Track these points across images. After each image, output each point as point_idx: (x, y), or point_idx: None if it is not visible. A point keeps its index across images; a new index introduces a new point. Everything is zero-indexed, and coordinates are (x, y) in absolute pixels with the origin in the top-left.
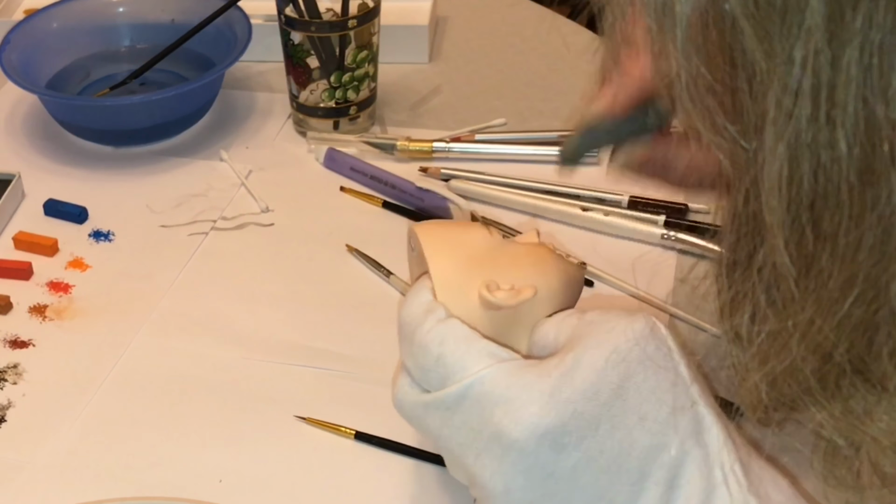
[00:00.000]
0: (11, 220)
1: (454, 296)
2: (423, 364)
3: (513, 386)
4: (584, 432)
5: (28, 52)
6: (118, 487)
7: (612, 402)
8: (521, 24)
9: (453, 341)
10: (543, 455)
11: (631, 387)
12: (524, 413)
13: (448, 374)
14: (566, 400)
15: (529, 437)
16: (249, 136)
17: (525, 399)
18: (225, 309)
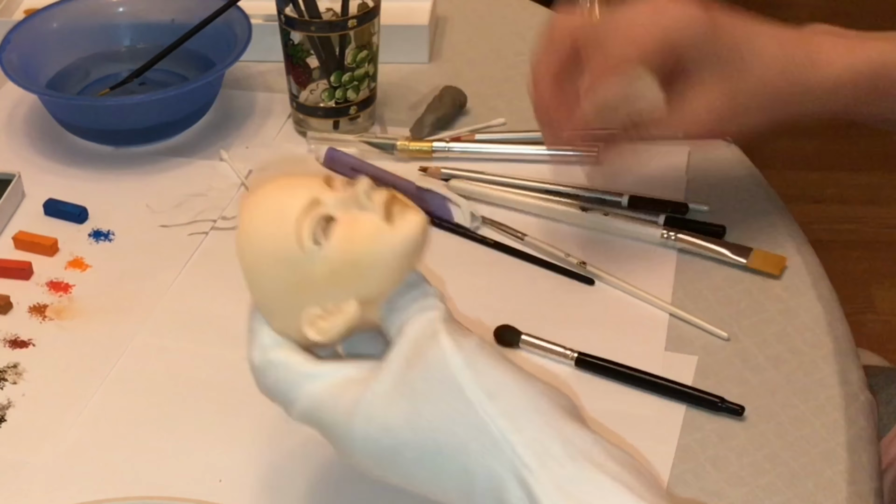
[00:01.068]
0: (11, 219)
1: (287, 323)
2: (265, 392)
3: (324, 418)
4: (393, 458)
5: (28, 52)
6: (118, 487)
7: (405, 435)
8: (521, 24)
9: (274, 373)
10: (369, 467)
11: (422, 421)
12: (343, 443)
13: (282, 402)
14: (363, 435)
15: (357, 458)
16: (249, 136)
17: (336, 432)
18: (225, 309)
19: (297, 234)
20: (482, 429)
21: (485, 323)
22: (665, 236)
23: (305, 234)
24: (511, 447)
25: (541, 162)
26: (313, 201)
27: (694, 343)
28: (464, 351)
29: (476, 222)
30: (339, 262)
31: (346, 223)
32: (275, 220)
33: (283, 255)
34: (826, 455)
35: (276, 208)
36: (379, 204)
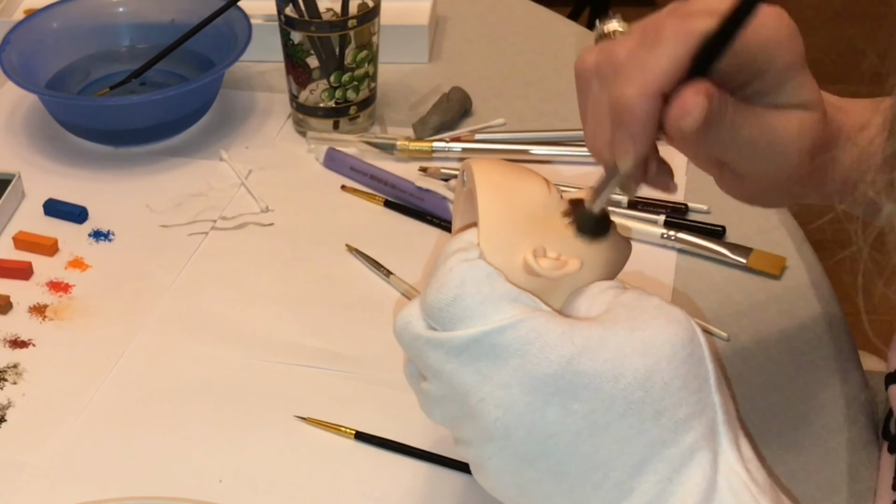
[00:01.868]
0: (11, 219)
1: (497, 246)
2: (438, 301)
3: (531, 342)
4: (596, 406)
5: (28, 52)
6: (118, 487)
7: (632, 390)
8: (521, 24)
9: (473, 284)
10: (550, 414)
11: (657, 381)
12: (536, 371)
13: (462, 317)
14: (581, 372)
15: (537, 395)
16: (249, 136)
17: (540, 360)
18: (225, 309)
19: (546, 187)
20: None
21: None
22: (665, 236)
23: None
24: (721, 438)
25: (541, 162)
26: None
27: None
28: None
29: None
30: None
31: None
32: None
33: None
34: (826, 455)
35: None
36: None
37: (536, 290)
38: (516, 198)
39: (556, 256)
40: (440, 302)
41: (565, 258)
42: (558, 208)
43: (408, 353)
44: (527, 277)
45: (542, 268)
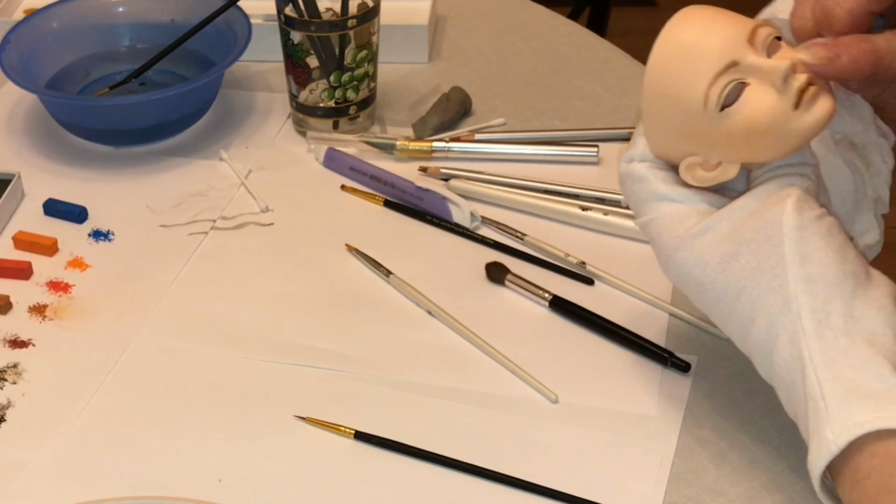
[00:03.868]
0: (11, 219)
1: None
2: (623, 195)
3: (658, 234)
4: (695, 288)
5: (28, 52)
6: (118, 487)
7: (715, 275)
8: (521, 24)
9: (630, 185)
10: (678, 282)
11: (736, 264)
12: (660, 262)
13: (632, 208)
14: (679, 263)
15: (669, 277)
16: (249, 135)
17: (660, 248)
18: (225, 309)
19: (706, 94)
20: (783, 285)
21: (483, 322)
22: None
23: (714, 98)
24: (798, 308)
25: (541, 162)
26: (731, 64)
27: (694, 343)
28: (802, 216)
29: (476, 222)
30: (738, 133)
31: (756, 98)
32: (689, 67)
33: (686, 105)
34: None
35: (695, 54)
36: (794, 90)
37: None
38: (661, 113)
39: (714, 164)
40: (621, 192)
41: (718, 163)
42: (713, 123)
43: None
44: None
45: (694, 181)
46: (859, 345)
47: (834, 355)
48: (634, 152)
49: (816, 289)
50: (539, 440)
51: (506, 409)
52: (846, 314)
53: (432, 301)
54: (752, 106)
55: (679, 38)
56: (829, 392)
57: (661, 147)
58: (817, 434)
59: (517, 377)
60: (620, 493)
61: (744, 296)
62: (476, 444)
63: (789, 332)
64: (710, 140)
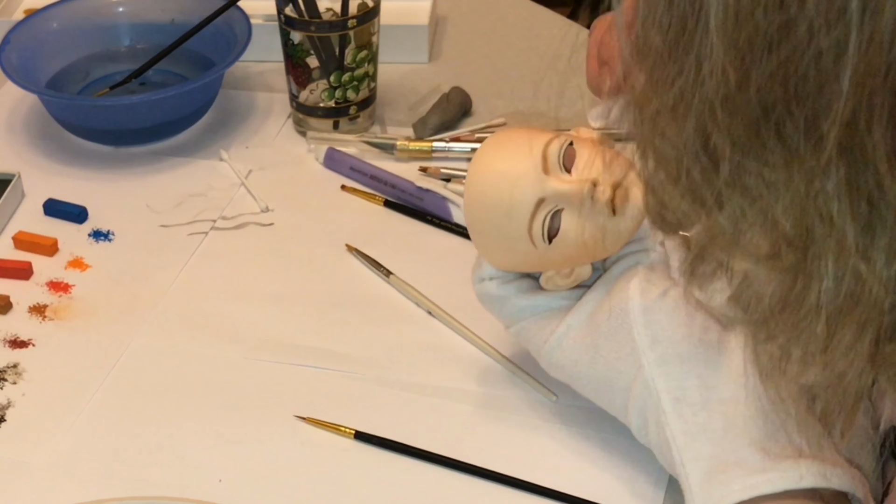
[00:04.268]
0: (11, 219)
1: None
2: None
3: (528, 341)
4: (573, 383)
5: (28, 52)
6: (118, 487)
7: (586, 370)
8: (521, 24)
9: (489, 303)
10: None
11: (600, 359)
12: (538, 359)
13: (499, 319)
14: (555, 364)
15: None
16: (249, 135)
17: (536, 352)
18: (225, 309)
19: (529, 235)
20: (640, 370)
21: (483, 322)
22: None
23: (538, 236)
24: (657, 391)
25: None
26: (539, 202)
27: None
28: (645, 298)
29: None
30: (573, 254)
31: (576, 222)
32: (504, 218)
33: (518, 248)
34: None
35: (504, 204)
36: (603, 204)
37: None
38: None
39: (567, 271)
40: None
41: (576, 272)
42: (545, 253)
43: None
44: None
45: (555, 289)
46: (716, 418)
47: (695, 432)
48: (483, 272)
49: (671, 369)
50: (539, 440)
51: (506, 409)
52: (701, 386)
53: (432, 301)
54: (575, 231)
55: (484, 188)
56: (692, 472)
57: (506, 267)
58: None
59: (517, 377)
60: (620, 493)
61: (614, 386)
62: (476, 444)
63: (654, 415)
64: (552, 263)
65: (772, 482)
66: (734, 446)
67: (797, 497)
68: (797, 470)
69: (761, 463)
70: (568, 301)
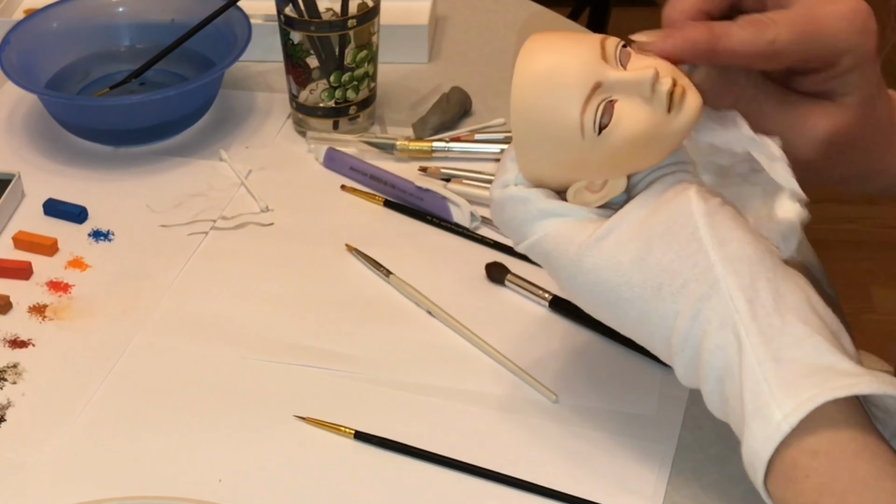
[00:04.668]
0: (11, 219)
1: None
2: (495, 220)
3: (554, 249)
4: (607, 297)
5: (28, 52)
6: (118, 487)
7: (630, 274)
8: (520, 24)
9: (511, 209)
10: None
11: (651, 259)
12: (562, 275)
13: (511, 234)
14: (588, 269)
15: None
16: (249, 135)
17: (562, 263)
18: (225, 309)
19: (580, 122)
20: (706, 269)
21: (483, 322)
22: None
23: (589, 124)
24: (727, 289)
25: None
26: (596, 86)
27: None
28: (708, 203)
29: (476, 222)
30: (620, 151)
31: (630, 113)
32: (556, 99)
33: (562, 137)
34: None
35: (558, 84)
36: (663, 96)
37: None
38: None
39: (602, 184)
40: (498, 225)
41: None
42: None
43: None
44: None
45: (583, 204)
46: (792, 322)
47: (771, 334)
48: (508, 178)
49: (741, 268)
50: (539, 440)
51: (506, 409)
52: (773, 291)
53: (432, 301)
54: (628, 121)
55: (536, 69)
56: (773, 372)
57: (538, 177)
58: (760, 417)
59: (517, 377)
60: (620, 494)
61: (664, 290)
62: (476, 444)
63: (720, 315)
64: (592, 164)
65: (872, 384)
66: (818, 352)
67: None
68: (884, 378)
69: (854, 368)
70: (598, 216)
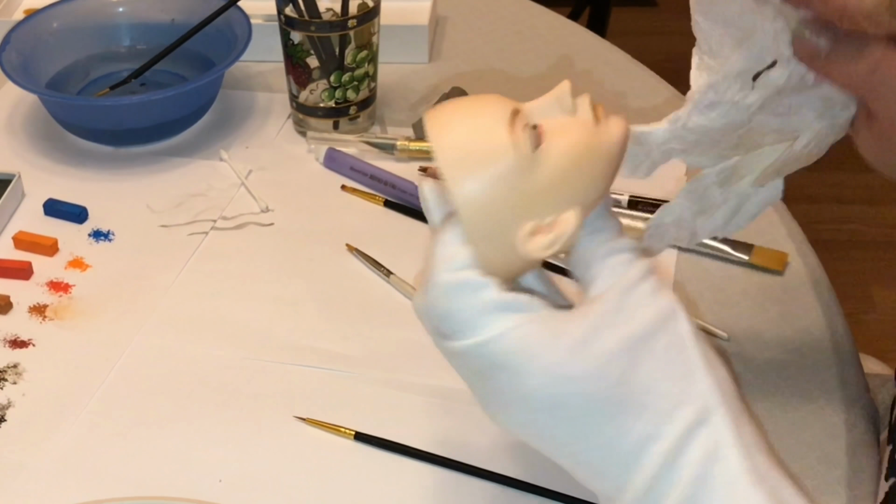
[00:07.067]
0: (11, 219)
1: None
2: (432, 315)
3: (517, 351)
4: (583, 411)
5: (28, 52)
6: (118, 487)
7: (615, 388)
8: (521, 24)
9: (461, 298)
10: (541, 421)
11: (638, 375)
12: (529, 383)
13: (455, 330)
14: (568, 377)
15: (527, 407)
16: (249, 136)
17: (529, 369)
18: (225, 309)
19: (513, 142)
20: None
21: None
22: None
23: (522, 142)
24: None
25: None
26: (514, 111)
27: None
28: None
29: None
30: (560, 171)
31: (559, 129)
32: (484, 132)
33: (499, 169)
34: (825, 458)
35: (481, 122)
36: (585, 104)
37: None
38: (487, 169)
39: (550, 221)
40: (433, 316)
41: (554, 219)
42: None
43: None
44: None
45: (541, 251)
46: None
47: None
48: (458, 260)
49: (728, 400)
50: None
51: None
52: (752, 433)
53: None
54: (561, 135)
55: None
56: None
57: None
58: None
59: None
60: None
61: (649, 410)
62: (476, 444)
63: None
64: (537, 193)
65: None
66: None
67: None
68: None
69: None
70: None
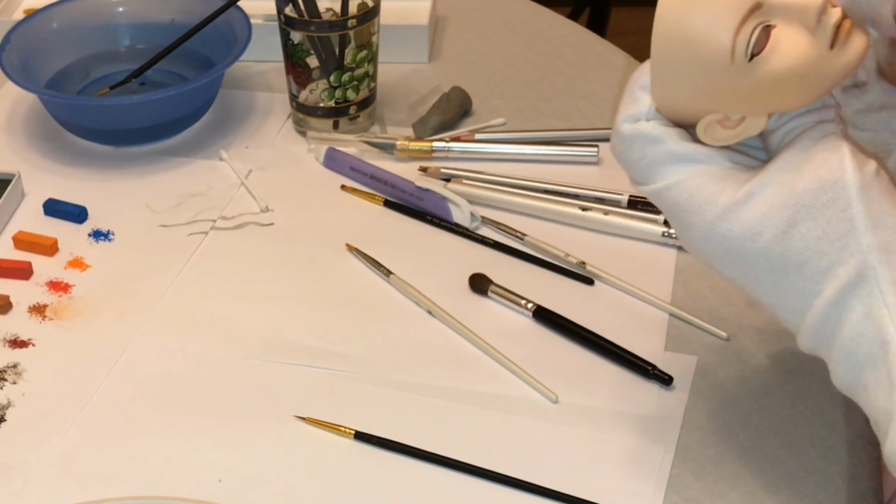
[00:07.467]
0: (11, 219)
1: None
2: (617, 157)
3: (686, 203)
4: (739, 264)
5: (28, 52)
6: (118, 487)
7: (771, 246)
8: (521, 24)
9: (640, 148)
10: (715, 263)
11: (795, 234)
12: (692, 234)
13: (638, 176)
14: (722, 235)
15: (701, 252)
16: (249, 135)
17: (692, 220)
18: (225, 309)
19: (732, 44)
20: (856, 254)
21: (484, 322)
22: (665, 235)
23: (741, 48)
24: (878, 282)
25: (541, 162)
26: (755, 6)
27: (694, 343)
28: (863, 174)
29: (476, 222)
30: (770, 84)
31: (788, 42)
32: (708, 16)
33: (707, 60)
34: (825, 455)
35: (716, 10)
36: (829, 28)
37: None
38: (674, 71)
39: (738, 118)
40: (619, 162)
41: (747, 124)
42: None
43: None
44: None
45: (713, 140)
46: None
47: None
48: (639, 110)
49: (893, 259)
50: (539, 440)
51: (506, 409)
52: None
53: (432, 301)
54: (786, 51)
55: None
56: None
57: (672, 106)
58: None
59: (517, 377)
60: (620, 494)
61: (807, 268)
62: (476, 444)
63: (866, 305)
64: (735, 94)
65: None
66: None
67: None
68: None
69: None
70: (733, 164)
